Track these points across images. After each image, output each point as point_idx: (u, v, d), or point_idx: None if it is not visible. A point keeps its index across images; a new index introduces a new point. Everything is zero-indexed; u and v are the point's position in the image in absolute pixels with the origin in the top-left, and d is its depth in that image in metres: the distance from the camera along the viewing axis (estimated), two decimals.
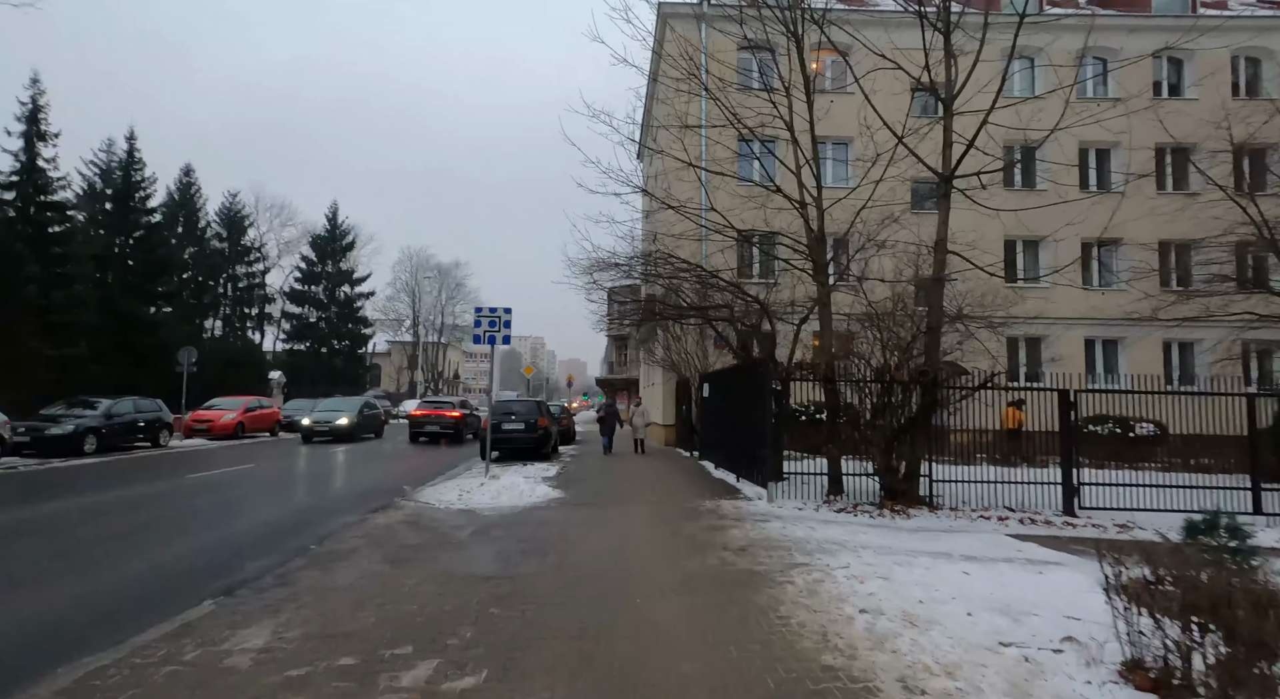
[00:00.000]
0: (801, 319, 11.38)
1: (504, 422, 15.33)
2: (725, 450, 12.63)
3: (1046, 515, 8.73)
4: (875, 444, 9.02)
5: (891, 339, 9.14)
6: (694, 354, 17.06)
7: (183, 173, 43.81)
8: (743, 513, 8.16)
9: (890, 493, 8.99)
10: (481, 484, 9.66)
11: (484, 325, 10.05)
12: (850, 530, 7.26)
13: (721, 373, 13.11)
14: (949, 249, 8.99)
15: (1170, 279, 19.77)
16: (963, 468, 9.41)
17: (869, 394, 9.05)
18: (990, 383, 8.99)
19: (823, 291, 9.31)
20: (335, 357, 46.16)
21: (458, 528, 7.04)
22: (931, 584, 4.87)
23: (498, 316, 10.09)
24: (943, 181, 9.01)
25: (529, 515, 7.87)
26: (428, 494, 9.40)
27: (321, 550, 6.01)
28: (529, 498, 9.02)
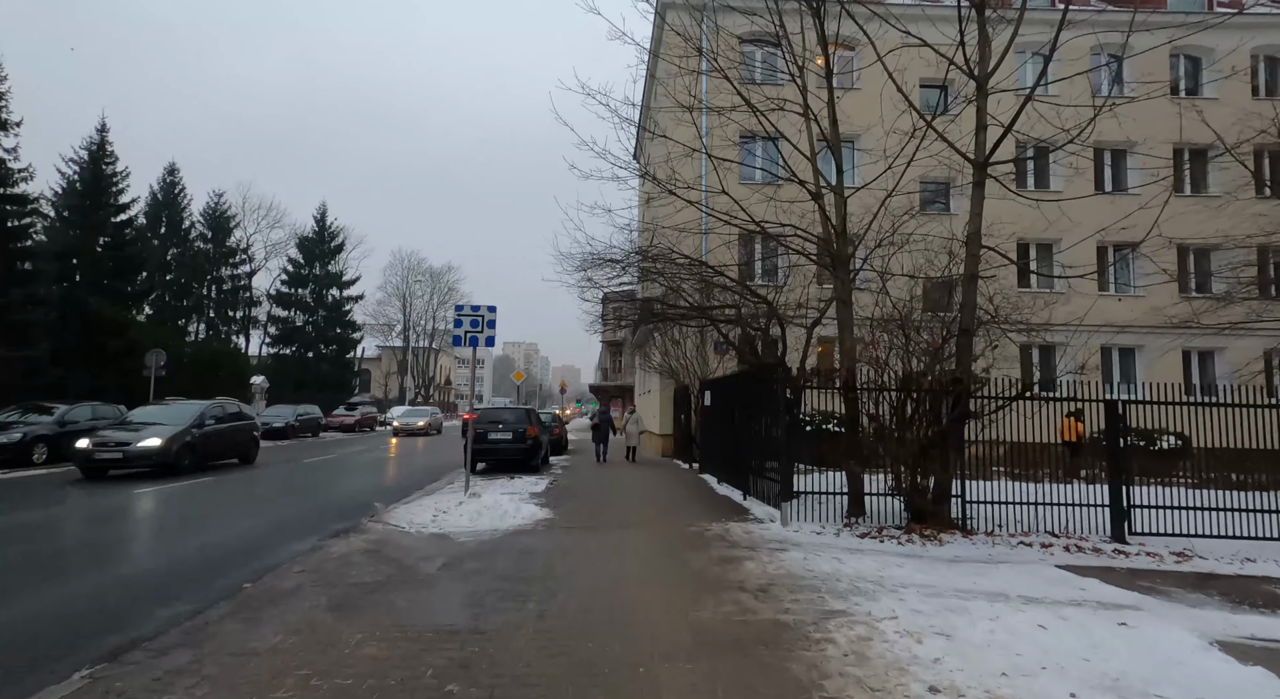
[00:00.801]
0: (814, 321, 10.44)
1: (490, 431, 14.31)
2: (729, 464, 11.65)
3: (1094, 542, 7.79)
4: (902, 460, 8.07)
5: (919, 343, 8.22)
6: (694, 360, 16.11)
7: (166, 171, 42.77)
8: (755, 539, 7.18)
9: (918, 515, 8.03)
10: (460, 503, 8.64)
11: (465, 325, 9.05)
12: (882, 562, 6.28)
13: (725, 379, 12.14)
14: (983, 244, 8.07)
15: (1189, 284, 19.03)
16: (992, 485, 8.44)
17: (894, 404, 8.11)
18: (1029, 392, 8.06)
19: (843, 290, 8.38)
20: (322, 361, 44.92)
21: (425, 559, 6.01)
22: (1007, 645, 3.90)
23: (480, 316, 9.08)
24: (976, 169, 8.11)
25: (511, 542, 6.85)
26: (399, 514, 8.37)
27: (255, 591, 4.98)
28: (513, 519, 8.00)
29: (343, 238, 48.03)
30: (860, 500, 8.44)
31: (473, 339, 9.07)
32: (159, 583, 5.31)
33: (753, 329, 9.67)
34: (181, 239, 42.57)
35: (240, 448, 14.69)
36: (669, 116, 9.46)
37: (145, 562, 6.27)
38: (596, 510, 9.09)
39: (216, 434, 13.54)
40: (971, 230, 8.13)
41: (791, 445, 8.33)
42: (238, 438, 14.53)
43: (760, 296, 9.75)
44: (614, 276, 10.42)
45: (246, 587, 5.09)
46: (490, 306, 9.18)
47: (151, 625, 4.16)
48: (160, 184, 42.54)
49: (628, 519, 8.46)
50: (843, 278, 8.33)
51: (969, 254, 8.17)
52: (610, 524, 8.06)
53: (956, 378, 7.97)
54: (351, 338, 48.46)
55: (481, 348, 9.25)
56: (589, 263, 9.80)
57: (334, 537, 7.12)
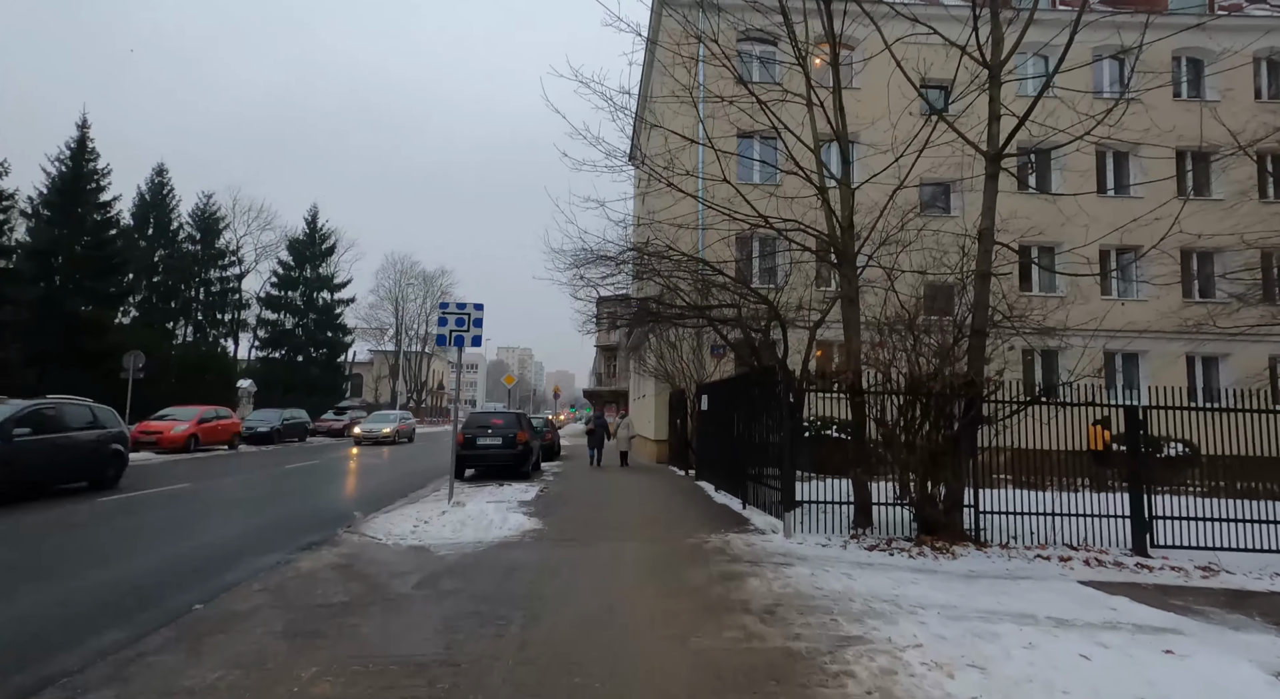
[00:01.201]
0: (816, 323, 10.00)
1: (479, 436, 13.80)
2: (727, 471, 11.19)
3: (1114, 555, 7.35)
4: (912, 468, 7.62)
5: (928, 344, 7.79)
6: (690, 363, 15.66)
7: (155, 172, 42.17)
8: (758, 552, 6.70)
9: (928, 526, 7.58)
10: (444, 512, 8.13)
11: (450, 325, 8.55)
12: (895, 579, 5.83)
13: (724, 383, 11.69)
14: (996, 240, 7.67)
15: (1192, 289, 18.76)
16: (1004, 495, 8.00)
17: (903, 408, 7.67)
18: (1045, 397, 7.65)
19: (849, 287, 7.95)
20: (311, 365, 44.24)
21: (400, 576, 5.51)
22: (1050, 681, 3.44)
23: (466, 314, 8.60)
24: (989, 161, 7.71)
25: (495, 556, 6.35)
26: (378, 524, 7.85)
27: (205, 613, 4.47)
28: (498, 530, 7.50)
29: (334, 240, 47.50)
30: (867, 510, 7.99)
31: (458, 339, 8.57)
32: (100, 604, 4.79)
33: (753, 330, 9.21)
34: (169, 241, 41.90)
35: (89, 466, 10.64)
36: (667, 107, 9.05)
37: (93, 577, 5.74)
38: (588, 520, 8.60)
39: (36, 448, 9.55)
40: (984, 225, 7.73)
41: (794, 452, 7.87)
42: (79, 452, 10.38)
43: (761, 296, 9.31)
44: (608, 275, 9.98)
45: (197, 608, 4.58)
46: (477, 305, 8.69)
47: (77, 658, 3.65)
48: (148, 184, 41.91)
49: (621, 530, 7.97)
50: (849, 275, 7.90)
51: (981, 250, 7.76)
52: (602, 536, 7.57)
53: (969, 380, 7.54)
54: (342, 341, 47.78)
55: (470, 349, 8.76)
56: (581, 260, 9.36)
57: (305, 550, 6.61)
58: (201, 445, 19.59)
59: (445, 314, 8.62)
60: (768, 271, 12.81)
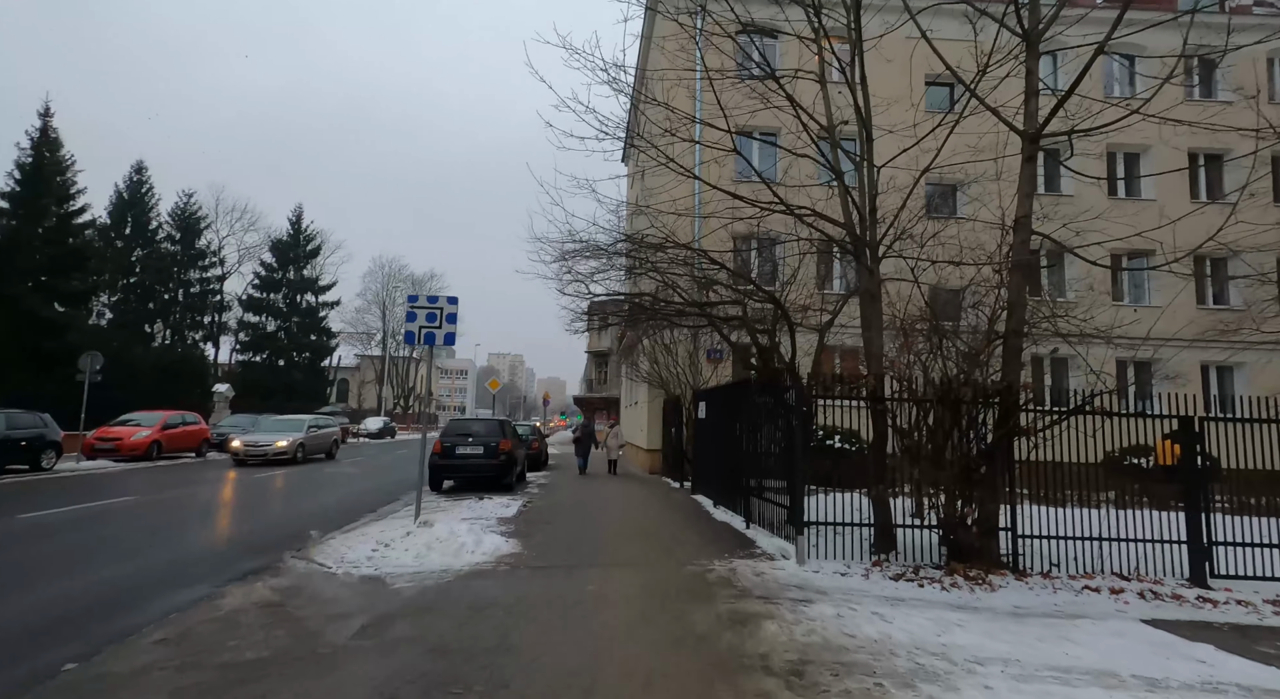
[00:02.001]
0: (826, 323, 9.14)
1: (458, 444, 12.79)
2: (727, 485, 10.26)
3: (1171, 586, 6.48)
4: (940, 485, 6.74)
5: (957, 346, 6.94)
6: (686, 368, 14.76)
7: (133, 170, 40.97)
8: (770, 584, 5.78)
9: (959, 551, 6.69)
10: (408, 533, 7.14)
11: (419, 320, 7.58)
12: (936, 620, 4.91)
13: (723, 389, 10.79)
14: (1035, 230, 6.84)
15: (1206, 295, 18.12)
16: (1037, 514, 7.10)
17: (930, 418, 6.79)
18: (1090, 405, 6.79)
19: (871, 282, 7.07)
20: (294, 369, 42.92)
21: (341, 619, 4.53)
22: None
23: (438, 309, 7.63)
24: (1026, 142, 6.89)
25: (462, 590, 5.38)
26: (333, 547, 6.85)
27: (73, 678, 3.48)
28: (470, 556, 6.52)
29: (319, 241, 46.33)
30: (889, 533, 7.08)
31: (428, 337, 7.60)
32: None
33: (759, 331, 8.32)
34: (148, 240, 40.65)
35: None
36: (664, 82, 8.17)
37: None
38: (574, 542, 7.63)
39: None
40: (1021, 213, 6.89)
41: (806, 467, 6.97)
42: None
43: (767, 294, 8.42)
44: (600, 270, 9.06)
45: (68, 669, 3.59)
46: (450, 298, 7.73)
47: None
48: (126, 182, 40.71)
49: (611, 554, 7.01)
50: (871, 267, 7.03)
51: (1017, 241, 6.92)
52: (590, 561, 6.61)
53: (1005, 387, 6.68)
54: (326, 345, 46.51)
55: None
56: (569, 251, 8.42)
57: (237, 581, 5.60)
58: (165, 453, 18.39)
59: (414, 308, 7.63)
60: (767, 273, 11.94)
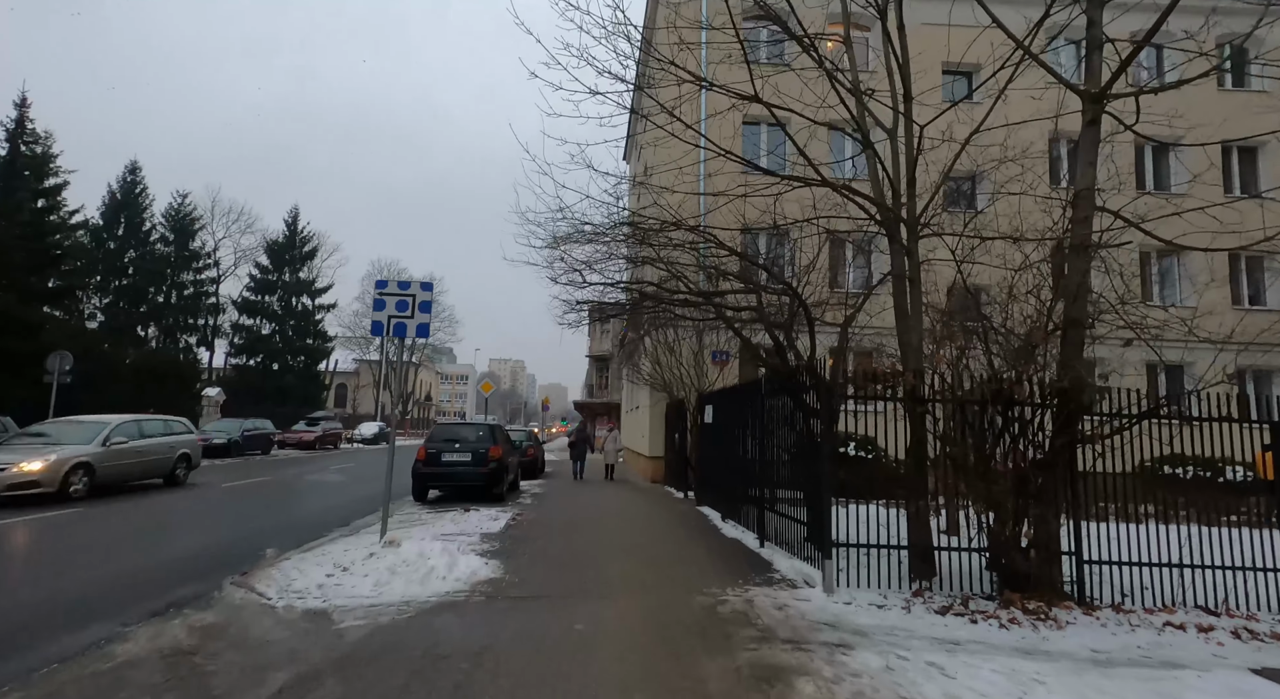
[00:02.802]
0: (848, 316, 8.19)
1: (444, 451, 11.84)
2: (737, 497, 9.29)
3: (1269, 623, 5.47)
4: (990, 500, 5.76)
5: (1004, 339, 5.98)
6: (690, 370, 13.81)
7: (127, 170, 40.34)
8: (797, 622, 4.80)
9: (1012, 578, 5.70)
10: (372, 554, 6.17)
11: (389, 308, 6.63)
12: (1007, 672, 3.94)
13: (732, 392, 9.83)
14: (1100, 206, 5.89)
15: (1242, 295, 17.12)
16: (1103, 534, 6.11)
17: (978, 421, 5.83)
18: (1166, 409, 5.83)
19: (910, 265, 6.12)
20: (288, 373, 42.02)
21: (257, 672, 3.56)
22: None
23: (409, 296, 6.67)
24: (1088, 103, 5.95)
25: (421, 631, 4.41)
26: (283, 572, 5.88)
27: None
28: (440, 583, 5.56)
29: (315, 243, 45.57)
30: (929, 556, 6.10)
31: (398, 328, 6.66)
32: None
33: (775, 326, 7.36)
34: (141, 241, 39.93)
35: None
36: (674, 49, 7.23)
37: None
38: (565, 563, 6.65)
39: None
40: (1083, 184, 5.94)
41: (834, 479, 5.99)
42: None
43: (785, 283, 7.47)
44: (598, 260, 8.11)
45: None
46: (425, 284, 6.78)
47: None
48: (120, 183, 40.04)
49: (607, 579, 6.03)
50: (908, 246, 6.07)
51: (1077, 218, 5.97)
52: (581, 589, 5.63)
53: (1068, 386, 5.71)
54: (322, 349, 45.66)
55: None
56: (563, 236, 7.47)
57: (155, 616, 4.64)
58: None
59: (382, 295, 6.67)
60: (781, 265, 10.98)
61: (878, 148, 6.82)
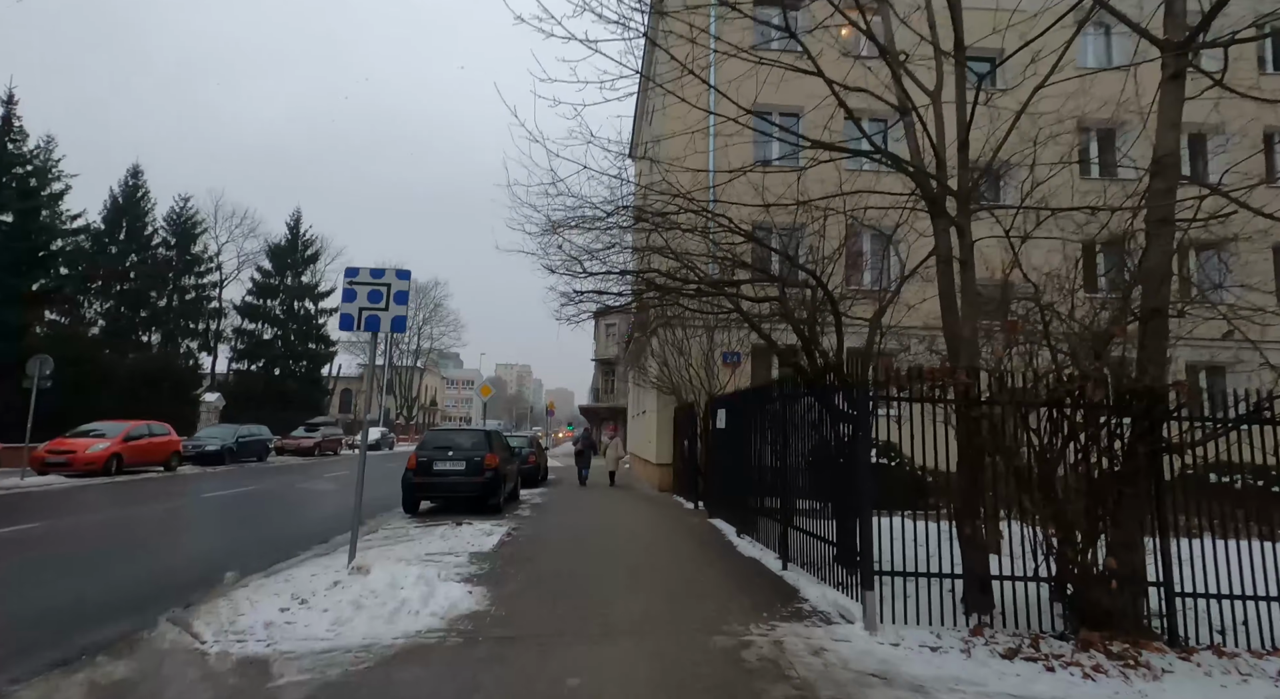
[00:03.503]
0: (879, 309, 7.33)
1: (437, 459, 11.02)
2: (753, 510, 8.42)
3: None
4: (1059, 520, 4.87)
5: (1075, 331, 5.10)
6: (700, 372, 12.95)
7: (129, 174, 39.94)
8: (838, 673, 3.92)
9: (1090, 614, 4.81)
10: (337, 582, 5.34)
11: (360, 299, 5.81)
12: None
13: (748, 394, 8.97)
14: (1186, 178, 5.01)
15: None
16: (1189, 558, 5.19)
17: (1042, 427, 4.95)
18: (1272, 411, 4.92)
19: (963, 246, 5.25)
20: (289, 378, 41.44)
21: None
22: None
23: (383, 286, 5.84)
24: (1170, 55, 5.08)
25: (378, 688, 3.57)
26: (232, 603, 5.06)
27: None
28: (410, 619, 4.72)
29: (318, 246, 45.04)
30: (986, 586, 5.20)
31: (371, 321, 5.84)
32: None
33: (799, 321, 6.49)
34: (143, 245, 39.51)
35: None
36: None
37: None
38: (561, 590, 5.79)
39: None
40: (1163, 151, 5.08)
41: (872, 493, 5.11)
42: None
43: (809, 272, 6.61)
44: (602, 248, 7.24)
45: None
46: (400, 272, 5.95)
47: None
48: (121, 187, 39.67)
49: (608, 612, 5.17)
50: (960, 223, 5.20)
51: (1155, 188, 5.10)
52: (577, 627, 4.78)
53: (1153, 386, 4.83)
54: (326, 353, 45.08)
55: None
56: (561, 222, 6.63)
57: (56, 668, 3.83)
58: (127, 467, 16.74)
59: (353, 285, 5.85)
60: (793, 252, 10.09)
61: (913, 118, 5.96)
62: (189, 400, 30.46)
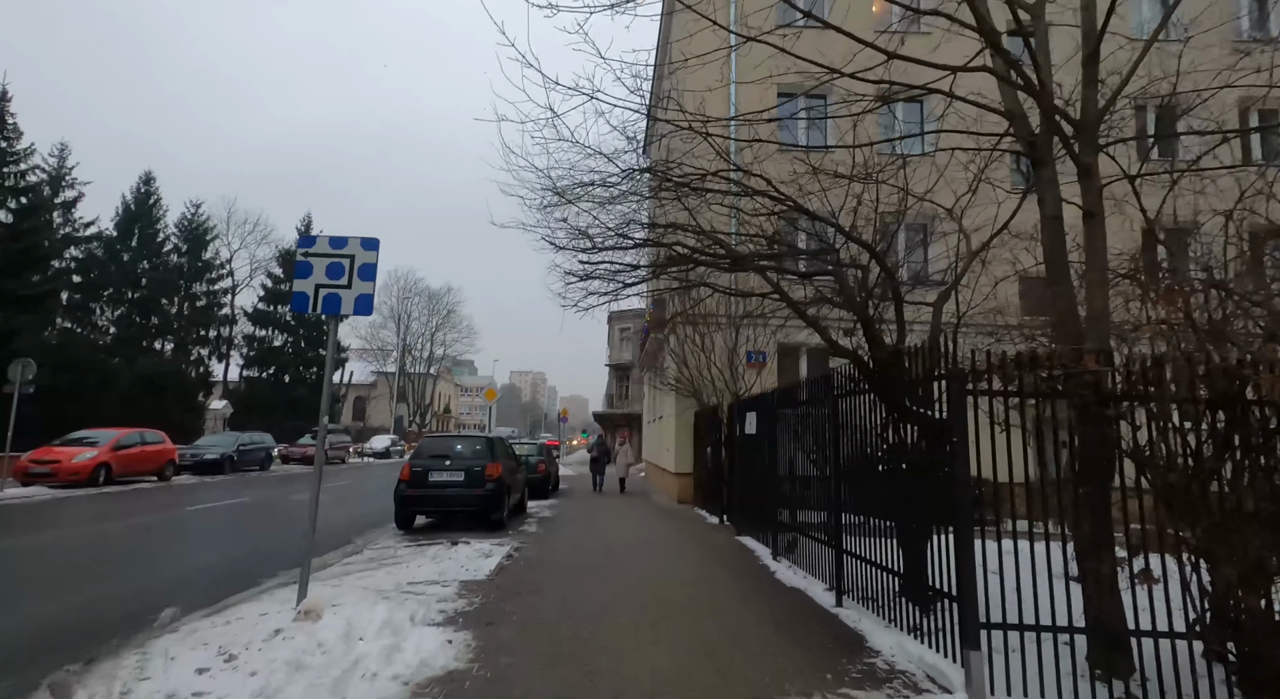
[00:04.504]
0: (947, 287, 6.12)
1: (433, 469, 9.91)
2: (790, 528, 7.19)
3: None
4: (1229, 553, 3.60)
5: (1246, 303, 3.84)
6: (724, 369, 11.75)
7: (141, 181, 39.70)
8: None
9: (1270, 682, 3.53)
10: (278, 631, 4.20)
11: (316, 274, 4.67)
12: None
13: (786, 393, 7.76)
14: None
15: None
16: None
17: (1206, 433, 3.69)
18: None
19: (1088, 192, 4.00)
20: (299, 385, 40.82)
21: None
22: None
23: (345, 257, 4.67)
24: None
25: None
26: (145, 659, 3.95)
27: None
28: (362, 687, 3.57)
29: None
30: (1123, 644, 3.92)
31: (330, 300, 4.72)
32: None
33: (853, 302, 5.27)
34: (154, 252, 39.24)
35: None
36: None
37: None
38: (565, 641, 4.61)
39: None
40: None
41: (971, 519, 3.88)
42: None
43: (864, 245, 5.40)
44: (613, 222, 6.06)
45: None
46: (367, 240, 4.78)
47: None
48: (134, 194, 39.48)
49: (627, 674, 3.97)
50: (1084, 162, 3.97)
51: None
52: (584, 696, 3.60)
53: None
54: (337, 359, 44.50)
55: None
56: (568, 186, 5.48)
57: None
58: (117, 477, 15.88)
59: (308, 256, 4.69)
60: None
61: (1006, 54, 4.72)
62: (194, 407, 29.82)
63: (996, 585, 3.97)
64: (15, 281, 18.28)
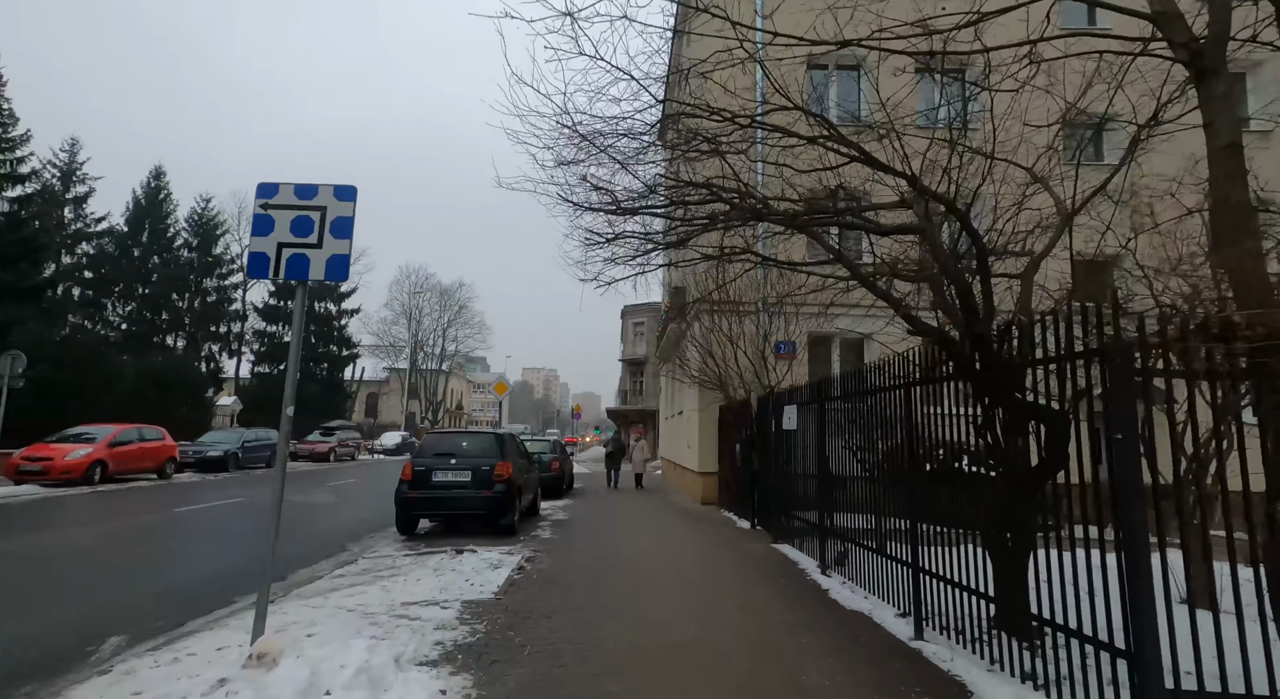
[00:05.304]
0: (1038, 255, 5.12)
1: (437, 469, 9.02)
2: (841, 538, 6.19)
3: None
4: None
5: None
6: (753, 361, 10.76)
7: (151, 175, 39.45)
8: None
9: None
10: (223, 683, 3.29)
11: (278, 230, 3.73)
12: None
13: (830, 384, 6.75)
14: None
15: None
16: None
17: None
18: None
19: (1224, 116, 2.86)
20: (310, 382, 40.24)
21: None
22: None
23: (315, 209, 3.71)
24: None
25: None
26: None
27: None
28: None
29: None
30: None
31: (296, 262, 3.80)
32: None
33: (949, 267, 4.26)
34: (165, 247, 38.91)
35: None
36: None
37: None
38: (585, 684, 3.67)
39: None
40: None
41: (1145, 538, 2.88)
42: None
43: (945, 202, 4.40)
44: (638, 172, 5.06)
45: None
46: (342, 188, 3.83)
47: None
48: (144, 189, 39.17)
49: None
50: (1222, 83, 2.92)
51: None
52: None
53: None
54: (347, 355, 43.98)
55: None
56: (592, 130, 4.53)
57: None
58: (114, 474, 15.20)
59: (267, 208, 3.71)
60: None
61: None
62: (203, 404, 29.32)
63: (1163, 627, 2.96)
64: (9, 273, 17.65)
